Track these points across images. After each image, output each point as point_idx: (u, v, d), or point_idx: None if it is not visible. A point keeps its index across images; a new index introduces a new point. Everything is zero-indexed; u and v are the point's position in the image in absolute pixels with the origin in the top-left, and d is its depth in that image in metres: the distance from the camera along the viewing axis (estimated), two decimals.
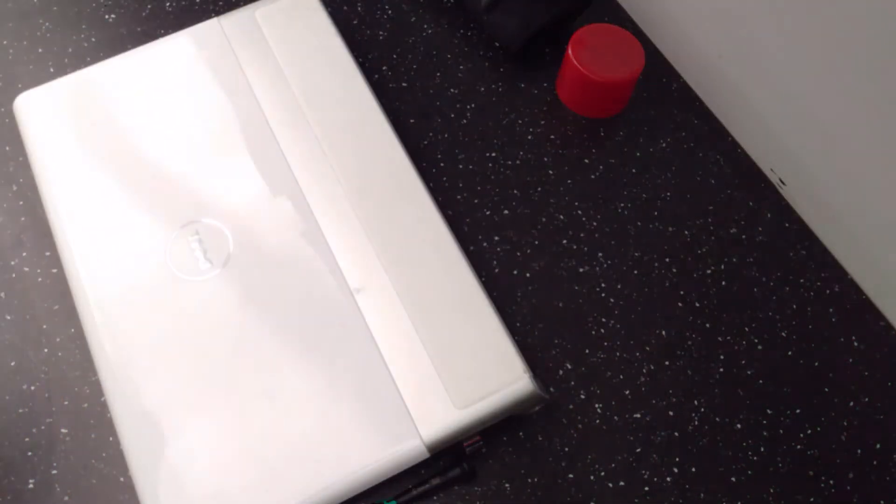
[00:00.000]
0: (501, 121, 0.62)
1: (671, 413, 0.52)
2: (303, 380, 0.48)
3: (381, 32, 0.65)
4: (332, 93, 0.57)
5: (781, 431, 0.52)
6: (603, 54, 0.59)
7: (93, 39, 0.63)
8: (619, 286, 0.56)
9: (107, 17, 0.65)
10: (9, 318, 0.53)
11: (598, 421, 0.51)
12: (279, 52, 0.58)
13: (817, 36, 0.52)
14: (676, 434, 0.51)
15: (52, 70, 0.62)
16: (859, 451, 0.51)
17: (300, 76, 0.57)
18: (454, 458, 0.49)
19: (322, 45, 0.59)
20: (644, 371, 0.53)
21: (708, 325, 0.55)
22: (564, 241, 0.57)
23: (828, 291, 0.56)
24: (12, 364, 0.52)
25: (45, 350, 0.52)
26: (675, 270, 0.57)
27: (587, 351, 0.54)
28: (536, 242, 0.57)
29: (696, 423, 0.52)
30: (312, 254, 0.51)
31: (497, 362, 0.48)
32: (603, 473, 0.50)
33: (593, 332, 0.54)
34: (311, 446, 0.46)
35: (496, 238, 0.57)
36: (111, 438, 0.50)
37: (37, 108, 0.56)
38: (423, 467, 0.48)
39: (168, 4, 0.66)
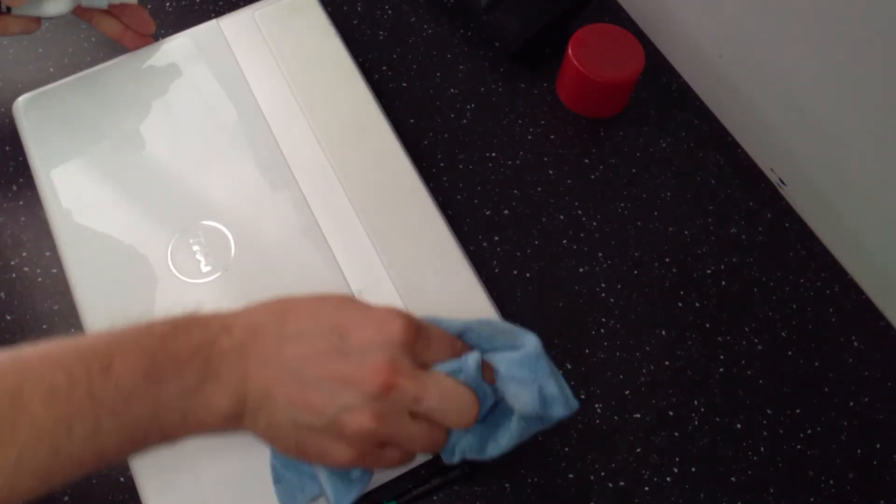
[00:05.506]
0: (501, 121, 0.62)
1: (671, 413, 0.52)
2: None
3: (381, 32, 0.65)
4: (331, 93, 0.57)
5: (781, 431, 0.52)
6: (603, 54, 0.59)
7: (93, 39, 0.63)
8: (619, 286, 0.56)
9: None
10: (9, 318, 0.53)
11: (598, 421, 0.51)
12: (278, 53, 0.58)
13: (817, 36, 0.52)
14: (676, 434, 0.51)
15: (52, 70, 0.62)
16: (859, 451, 0.51)
17: (299, 77, 0.57)
18: None
19: (321, 45, 0.59)
20: (644, 371, 0.53)
21: (708, 325, 0.55)
22: (564, 241, 0.57)
23: (828, 291, 0.56)
24: None
25: None
26: (675, 270, 0.57)
27: (587, 351, 0.54)
28: (536, 242, 0.57)
29: (696, 423, 0.52)
30: (313, 255, 0.51)
31: None
32: (603, 473, 0.50)
33: (593, 332, 0.54)
34: None
35: (496, 238, 0.57)
36: None
37: (36, 110, 0.56)
38: (424, 467, 0.48)
39: (168, 5, 0.66)
